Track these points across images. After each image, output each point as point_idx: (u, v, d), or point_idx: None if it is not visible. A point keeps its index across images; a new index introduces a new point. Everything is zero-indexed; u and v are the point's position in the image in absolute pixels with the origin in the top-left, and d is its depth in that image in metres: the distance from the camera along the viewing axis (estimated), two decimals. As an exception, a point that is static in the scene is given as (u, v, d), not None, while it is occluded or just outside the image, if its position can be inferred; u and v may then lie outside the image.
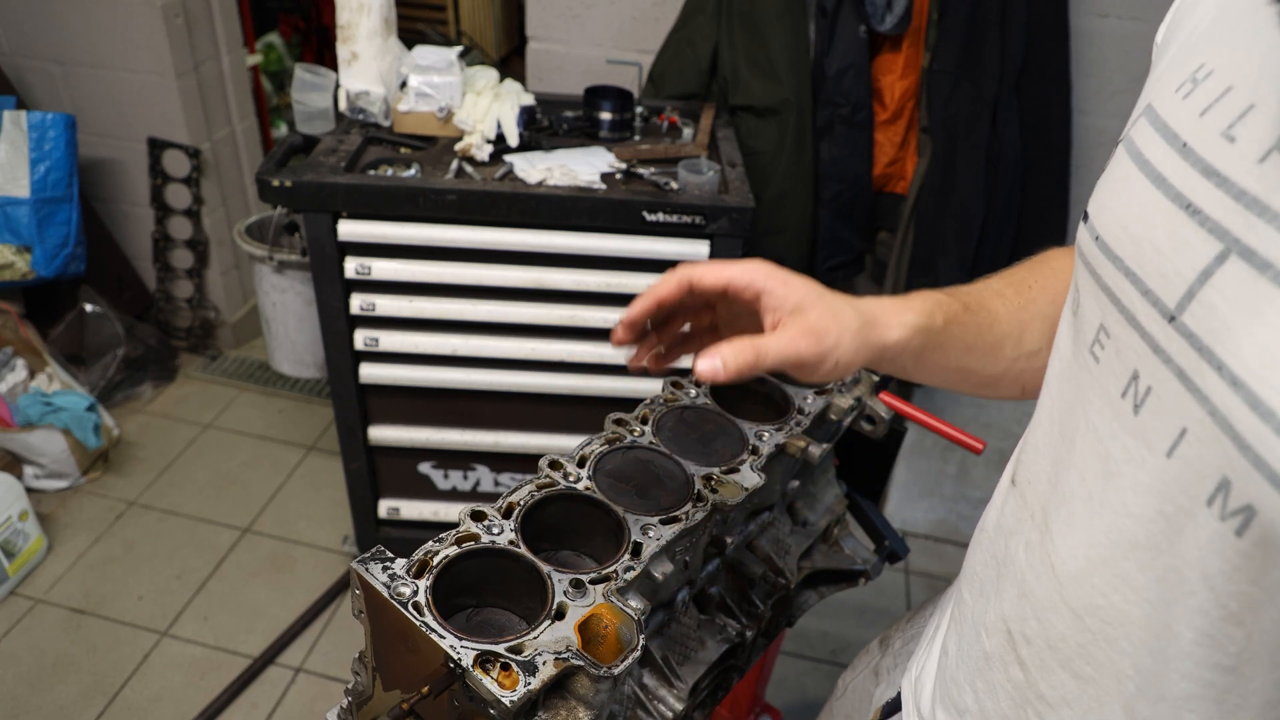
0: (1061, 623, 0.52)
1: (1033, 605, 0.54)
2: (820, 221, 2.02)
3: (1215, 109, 0.44)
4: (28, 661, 1.90)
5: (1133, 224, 0.47)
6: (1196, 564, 0.43)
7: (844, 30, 1.86)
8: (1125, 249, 0.47)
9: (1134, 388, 0.46)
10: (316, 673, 1.94)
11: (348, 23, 1.68)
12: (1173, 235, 0.44)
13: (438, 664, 0.66)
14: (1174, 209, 0.44)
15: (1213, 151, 0.43)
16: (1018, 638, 0.56)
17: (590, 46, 2.17)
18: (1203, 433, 0.42)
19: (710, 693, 0.96)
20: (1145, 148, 0.48)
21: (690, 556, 0.87)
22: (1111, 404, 0.48)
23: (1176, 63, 0.50)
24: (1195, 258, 0.42)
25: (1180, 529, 0.44)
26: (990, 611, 0.59)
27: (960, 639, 0.65)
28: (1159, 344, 0.44)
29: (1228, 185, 0.41)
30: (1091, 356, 0.51)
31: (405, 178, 1.60)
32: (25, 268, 2.39)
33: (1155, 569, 0.46)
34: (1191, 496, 0.43)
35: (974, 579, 0.64)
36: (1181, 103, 0.46)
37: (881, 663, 0.90)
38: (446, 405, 1.83)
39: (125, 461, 2.45)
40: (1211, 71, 0.45)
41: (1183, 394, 0.43)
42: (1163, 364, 0.44)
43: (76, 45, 2.43)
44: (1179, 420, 0.43)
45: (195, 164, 2.58)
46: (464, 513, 0.77)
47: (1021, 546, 0.56)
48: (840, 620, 2.13)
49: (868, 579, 1.14)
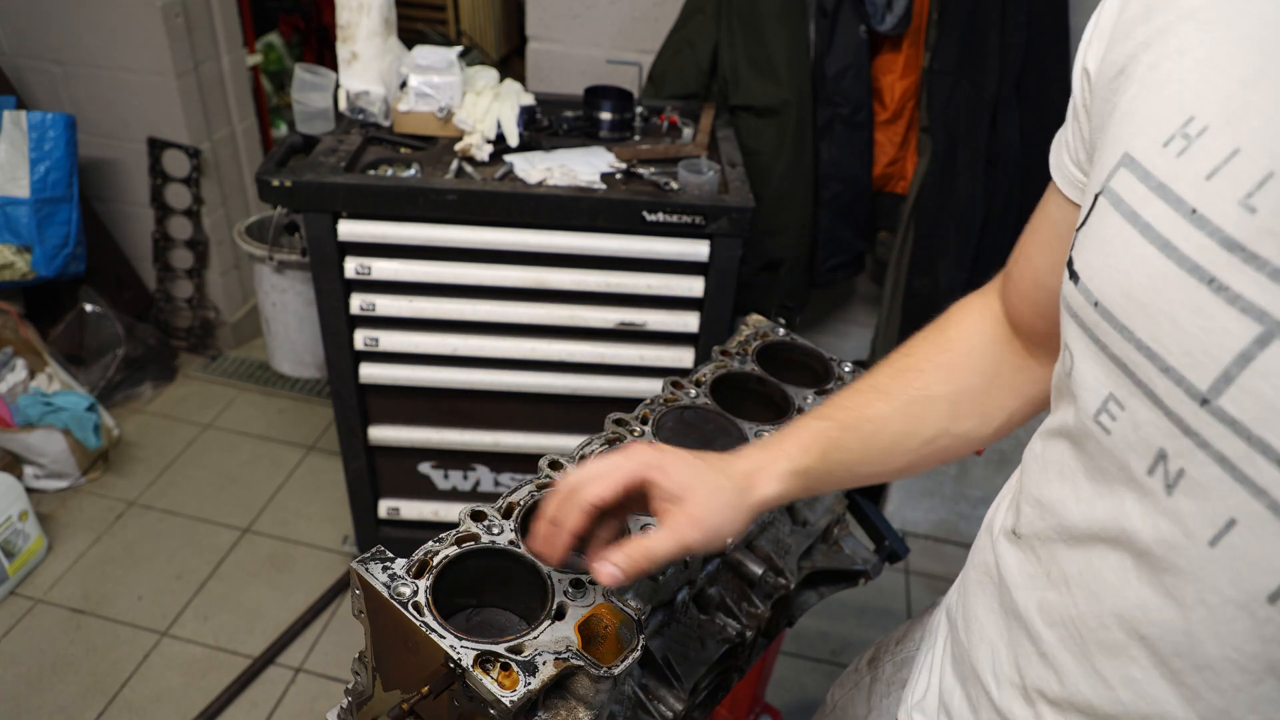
0: (1091, 690, 0.50)
1: (1055, 668, 0.52)
2: (820, 221, 2.02)
3: (1224, 174, 0.42)
4: (28, 661, 1.90)
5: (1141, 294, 0.45)
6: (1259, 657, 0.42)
7: (844, 30, 1.86)
8: (1135, 321, 0.45)
9: (1163, 467, 0.44)
10: (316, 673, 1.94)
11: (348, 23, 1.68)
12: (1197, 313, 0.42)
13: (438, 664, 0.66)
14: (1194, 283, 0.42)
15: (1233, 223, 0.41)
16: (1034, 695, 0.54)
17: (590, 46, 2.17)
18: (1259, 526, 0.40)
19: (710, 693, 0.96)
20: (1139, 206, 0.46)
21: (690, 556, 0.87)
22: (1135, 480, 0.46)
23: (1150, 107, 0.47)
24: (1229, 339, 0.40)
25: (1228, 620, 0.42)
26: (1000, 664, 0.58)
27: (962, 684, 0.64)
28: (1190, 426, 0.42)
29: (1257, 262, 0.39)
30: (1099, 425, 0.49)
31: (405, 178, 1.60)
32: (25, 268, 2.39)
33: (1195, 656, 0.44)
34: (1247, 591, 0.41)
35: (973, 625, 0.62)
36: (1176, 160, 0.44)
37: (873, 689, 0.89)
38: (446, 405, 1.83)
39: (125, 461, 2.45)
40: (1206, 128, 0.43)
41: (1227, 482, 0.41)
42: (1198, 448, 0.42)
43: (76, 45, 2.43)
44: (1225, 509, 0.41)
45: (195, 164, 2.58)
46: (464, 513, 0.77)
47: (1035, 605, 0.55)
48: (840, 620, 2.13)
49: (868, 579, 1.14)
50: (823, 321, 2.45)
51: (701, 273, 1.65)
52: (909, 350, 0.75)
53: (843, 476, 0.71)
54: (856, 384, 0.75)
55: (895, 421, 0.71)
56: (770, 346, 1.10)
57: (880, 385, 0.73)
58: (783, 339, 1.13)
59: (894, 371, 0.74)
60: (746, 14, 1.86)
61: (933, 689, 0.70)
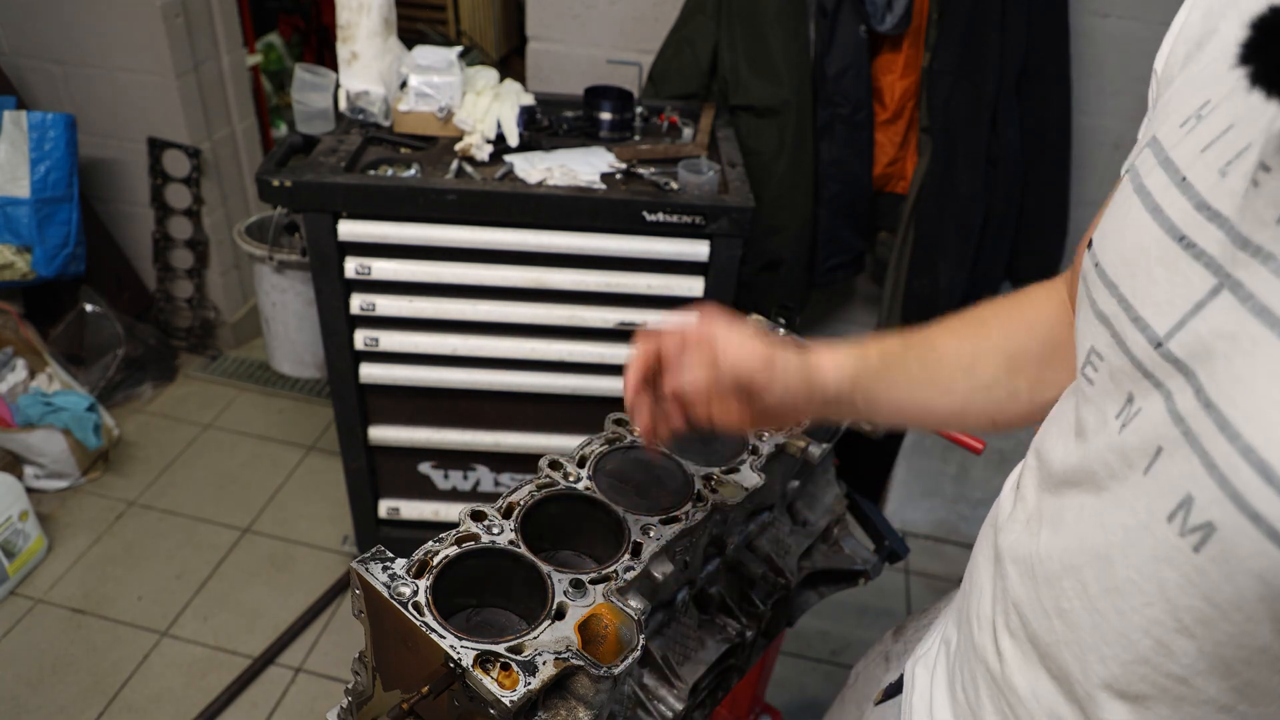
0: (1036, 622, 0.54)
1: (1015, 602, 0.56)
2: (820, 221, 2.02)
3: (1216, 146, 0.45)
4: (28, 661, 1.90)
5: (1130, 253, 0.49)
6: (1153, 577, 0.45)
7: (844, 30, 1.86)
8: (1121, 276, 0.49)
9: (1127, 410, 0.48)
10: (316, 673, 1.94)
11: (348, 23, 1.68)
12: (1168, 267, 0.45)
13: (438, 664, 0.66)
14: (1169, 240, 0.46)
15: (1208, 187, 0.44)
16: (1001, 632, 0.58)
17: (590, 46, 2.17)
18: (1175, 451, 0.43)
19: (710, 692, 0.96)
20: (1147, 178, 0.49)
21: (690, 556, 0.87)
22: (1106, 424, 0.50)
23: (1182, 96, 0.51)
24: (1189, 290, 0.44)
25: (1136, 541, 0.46)
26: (985, 604, 0.62)
27: (959, 629, 0.68)
28: (1147, 368, 0.46)
29: (1219, 220, 0.43)
30: (1084, 378, 0.53)
31: (405, 178, 1.60)
32: (25, 268, 2.39)
33: (1106, 579, 0.48)
34: (1152, 512, 0.44)
35: (974, 570, 0.66)
36: (1185, 137, 0.48)
37: (892, 649, 0.92)
38: (446, 405, 1.83)
39: (125, 461, 2.45)
40: (1216, 108, 0.47)
41: (1163, 414, 0.44)
42: (1152, 387, 0.46)
43: (77, 45, 2.43)
44: (1156, 439, 0.45)
45: (195, 164, 2.58)
46: (464, 513, 0.77)
47: (1009, 547, 0.59)
48: (840, 620, 2.13)
49: (868, 579, 1.14)
50: (823, 321, 2.45)
51: (701, 273, 1.65)
52: (980, 308, 0.78)
53: (898, 393, 0.73)
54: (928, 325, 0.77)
55: (956, 356, 0.74)
56: (770, 346, 1.10)
57: (949, 325, 0.76)
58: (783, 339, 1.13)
59: (962, 320, 0.77)
60: (746, 14, 1.86)
61: (936, 641, 0.74)
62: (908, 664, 0.78)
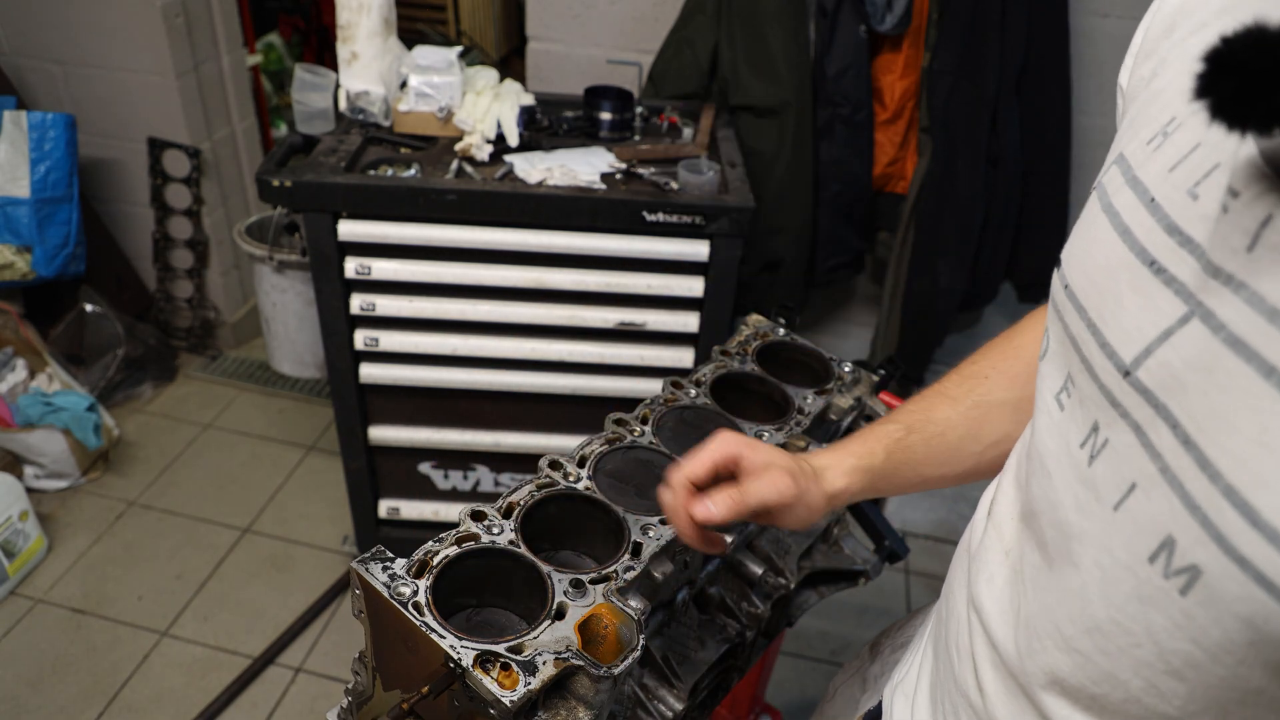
0: (1017, 660, 0.53)
1: (994, 639, 0.55)
2: (820, 221, 2.02)
3: (1184, 166, 0.44)
4: (28, 661, 1.90)
5: (1098, 275, 0.48)
6: (1139, 618, 0.43)
7: (844, 30, 1.86)
8: (1090, 300, 0.48)
9: (1093, 439, 0.47)
10: (316, 673, 1.94)
11: (348, 23, 1.68)
12: (1137, 291, 0.44)
13: (438, 664, 0.66)
14: (1138, 264, 0.44)
15: (1178, 209, 0.43)
16: (982, 664, 0.57)
17: (590, 46, 2.17)
18: (1152, 489, 0.42)
19: (710, 693, 0.96)
20: (1114, 197, 0.48)
21: (690, 556, 0.87)
22: (1071, 453, 0.49)
23: (1148, 113, 0.49)
24: (1159, 316, 0.42)
25: (1115, 582, 0.44)
26: (962, 635, 0.60)
27: (936, 657, 0.67)
28: (1115, 398, 0.45)
29: (1190, 245, 0.42)
30: (1057, 404, 0.52)
31: (405, 178, 1.60)
32: (25, 268, 2.39)
33: (1085, 619, 0.46)
34: (1133, 552, 0.43)
35: (950, 597, 0.65)
36: (1152, 155, 0.47)
37: (870, 669, 0.91)
38: (446, 405, 1.83)
39: (125, 461, 2.45)
40: (1181, 125, 0.45)
41: (1137, 448, 0.43)
42: (1120, 418, 0.44)
43: (77, 45, 2.43)
44: (1130, 474, 0.43)
45: (195, 164, 2.58)
46: (464, 513, 0.77)
47: (984, 578, 0.58)
48: (840, 620, 2.13)
49: (868, 579, 1.14)
50: (823, 321, 2.45)
51: (701, 273, 1.65)
52: (977, 358, 0.79)
53: (908, 476, 0.75)
54: (925, 391, 0.79)
55: (959, 425, 0.75)
56: (770, 346, 1.10)
57: (946, 391, 0.77)
58: (783, 339, 1.13)
59: (960, 378, 0.77)
60: (746, 14, 1.86)
61: (914, 668, 0.73)
62: (886, 690, 0.77)
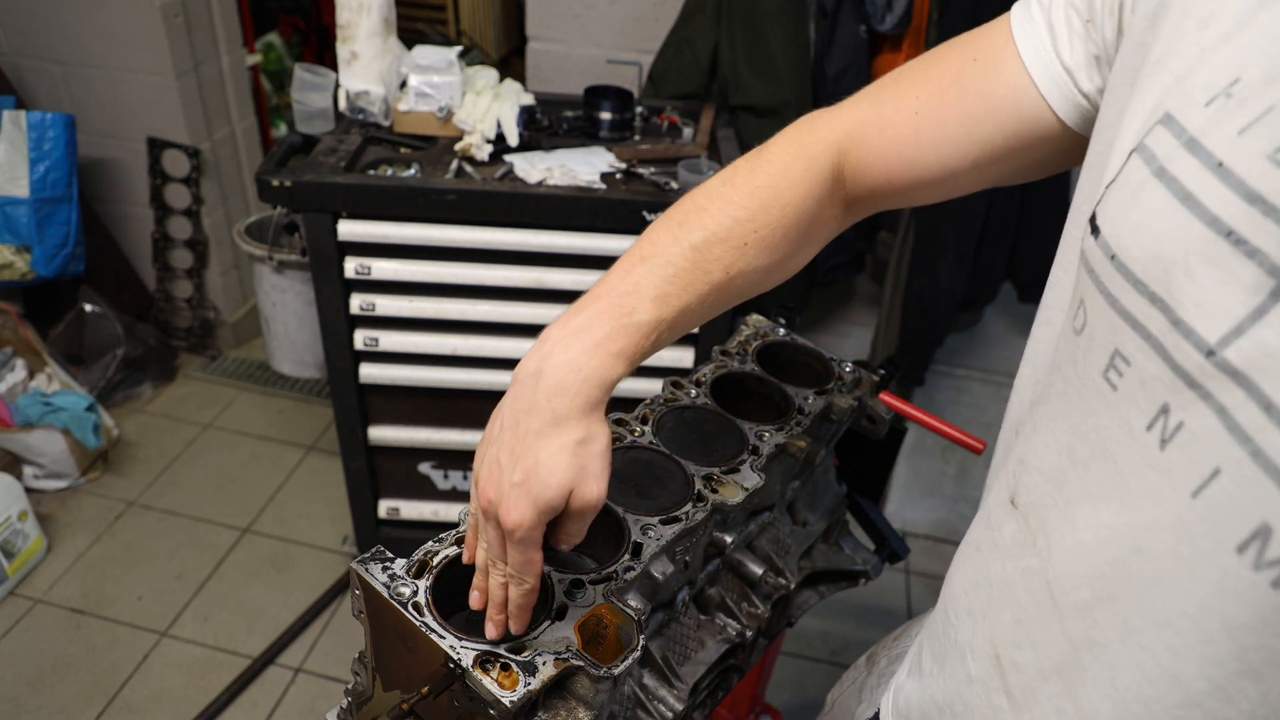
0: (1058, 653, 0.50)
1: (1028, 633, 0.52)
2: (820, 221, 2.02)
3: (1256, 129, 0.41)
4: (27, 662, 1.90)
5: (1157, 246, 0.44)
6: (1216, 612, 0.41)
7: (844, 30, 1.86)
8: (1150, 273, 0.44)
9: (1163, 421, 0.43)
10: (316, 673, 1.94)
11: (347, 22, 1.68)
12: (1213, 265, 0.41)
13: (438, 664, 0.66)
14: (1211, 235, 0.41)
15: (1257, 176, 0.40)
16: (1007, 665, 0.54)
17: (590, 46, 2.16)
18: (1240, 473, 0.39)
19: (710, 693, 0.96)
20: (1168, 162, 0.45)
21: (690, 556, 0.87)
22: (1134, 435, 0.45)
23: (1195, 67, 0.46)
24: (1243, 292, 0.39)
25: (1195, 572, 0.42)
26: (978, 634, 0.58)
27: (942, 660, 0.64)
28: (1195, 379, 0.41)
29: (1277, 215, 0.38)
30: (1106, 383, 0.48)
31: (405, 178, 1.60)
32: (25, 267, 2.39)
33: (1155, 611, 0.44)
34: (1217, 541, 0.40)
35: (960, 598, 0.62)
36: (1214, 117, 0.43)
37: (866, 681, 0.89)
38: (447, 405, 1.83)
39: (125, 461, 2.44)
40: (1248, 87, 0.42)
41: (1219, 432, 0.40)
42: (1200, 399, 0.41)
43: (76, 45, 2.43)
44: (1213, 459, 0.41)
45: (195, 164, 2.58)
46: (464, 512, 0.77)
47: (1018, 571, 0.54)
48: (840, 620, 2.13)
49: (868, 579, 1.14)
50: (823, 321, 2.45)
51: (701, 273, 1.64)
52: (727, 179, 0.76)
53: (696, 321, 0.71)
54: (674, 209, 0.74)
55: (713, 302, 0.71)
56: (770, 346, 1.10)
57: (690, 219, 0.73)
58: (783, 339, 1.13)
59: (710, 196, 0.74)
60: (746, 14, 1.86)
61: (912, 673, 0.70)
62: (883, 701, 0.75)
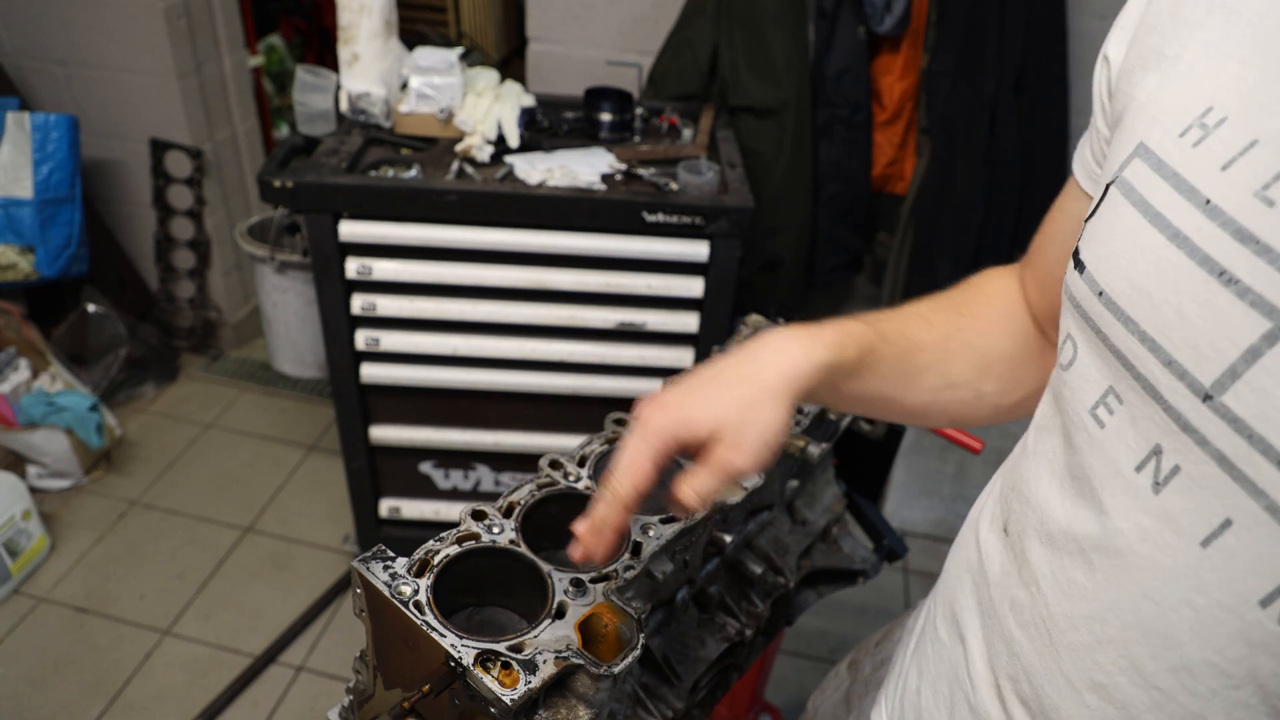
0: (1057, 693, 0.49)
1: (1025, 668, 0.51)
2: (819, 222, 2.03)
3: (1241, 165, 0.40)
4: (30, 660, 1.91)
5: (1147, 284, 0.43)
6: (1243, 662, 0.40)
7: (843, 31, 1.87)
8: (1140, 311, 0.44)
9: (1155, 464, 0.43)
10: (318, 671, 1.95)
11: (349, 24, 1.69)
12: (1205, 305, 0.40)
13: (438, 663, 0.66)
14: (1203, 274, 0.40)
15: (1247, 214, 0.39)
16: (1010, 698, 0.53)
17: (590, 48, 2.17)
18: (1255, 527, 0.38)
19: (710, 691, 0.96)
20: (1151, 196, 0.44)
21: (690, 555, 0.87)
22: (1121, 476, 0.45)
23: (1169, 98, 0.46)
24: (1236, 333, 0.39)
25: (1214, 623, 0.41)
26: (977, 662, 0.57)
27: (935, 683, 0.63)
28: (1190, 423, 0.41)
29: (1270, 255, 0.38)
30: (1094, 419, 0.47)
31: (406, 179, 1.60)
32: (28, 268, 2.39)
33: (1172, 658, 0.43)
34: (1237, 594, 0.40)
35: (954, 619, 0.61)
36: (1191, 150, 0.43)
37: (852, 689, 0.88)
38: (447, 405, 1.84)
39: (127, 461, 2.45)
40: (1225, 118, 0.42)
41: (1225, 481, 0.39)
42: (1196, 445, 0.41)
43: (79, 47, 2.43)
44: (1221, 509, 0.40)
45: (197, 165, 2.59)
46: (465, 512, 0.78)
47: (1008, 603, 0.54)
48: (839, 619, 2.14)
49: (866, 578, 1.14)
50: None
51: (701, 273, 1.65)
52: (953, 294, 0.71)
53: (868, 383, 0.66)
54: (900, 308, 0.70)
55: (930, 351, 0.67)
56: (769, 347, 1.11)
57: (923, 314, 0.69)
58: (782, 339, 1.13)
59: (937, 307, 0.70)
60: (746, 15, 1.86)
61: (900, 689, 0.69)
62: (874, 715, 0.73)
